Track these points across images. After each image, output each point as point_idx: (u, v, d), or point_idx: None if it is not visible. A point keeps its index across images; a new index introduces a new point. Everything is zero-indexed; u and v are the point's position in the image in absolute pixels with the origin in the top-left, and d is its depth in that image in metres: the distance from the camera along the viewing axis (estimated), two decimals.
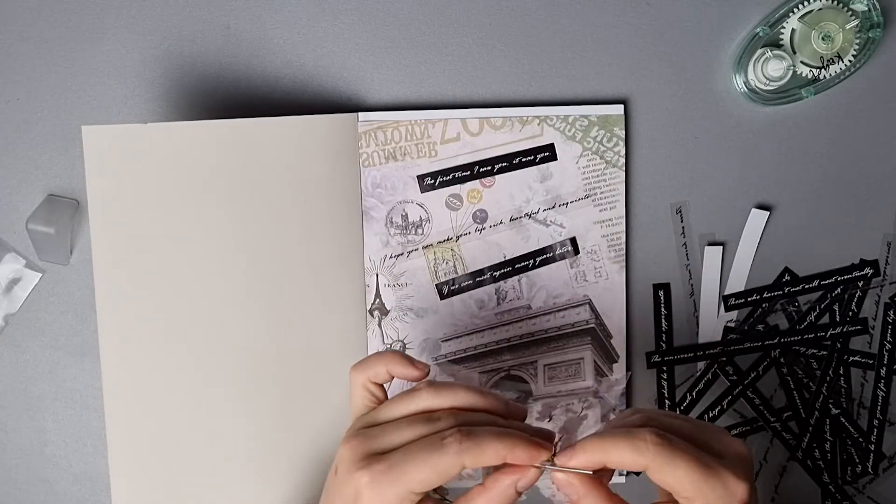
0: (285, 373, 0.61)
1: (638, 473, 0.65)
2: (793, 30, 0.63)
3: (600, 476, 0.46)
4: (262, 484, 0.61)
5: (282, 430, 0.61)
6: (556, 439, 0.48)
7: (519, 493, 0.46)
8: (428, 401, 0.47)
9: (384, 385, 0.51)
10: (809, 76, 0.63)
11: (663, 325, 0.65)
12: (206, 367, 0.61)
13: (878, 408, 0.65)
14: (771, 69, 0.62)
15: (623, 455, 0.44)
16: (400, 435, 0.46)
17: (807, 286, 0.65)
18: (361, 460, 0.45)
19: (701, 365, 0.65)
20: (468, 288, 0.64)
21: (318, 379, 0.62)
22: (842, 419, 0.65)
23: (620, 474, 0.64)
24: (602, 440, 0.45)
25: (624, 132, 0.63)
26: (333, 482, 0.47)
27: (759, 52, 0.62)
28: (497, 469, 0.46)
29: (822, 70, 0.63)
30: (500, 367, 0.64)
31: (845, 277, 0.65)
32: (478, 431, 0.45)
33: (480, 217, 0.64)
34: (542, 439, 0.46)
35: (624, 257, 0.64)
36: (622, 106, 0.63)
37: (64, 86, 0.64)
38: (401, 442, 0.45)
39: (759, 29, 0.63)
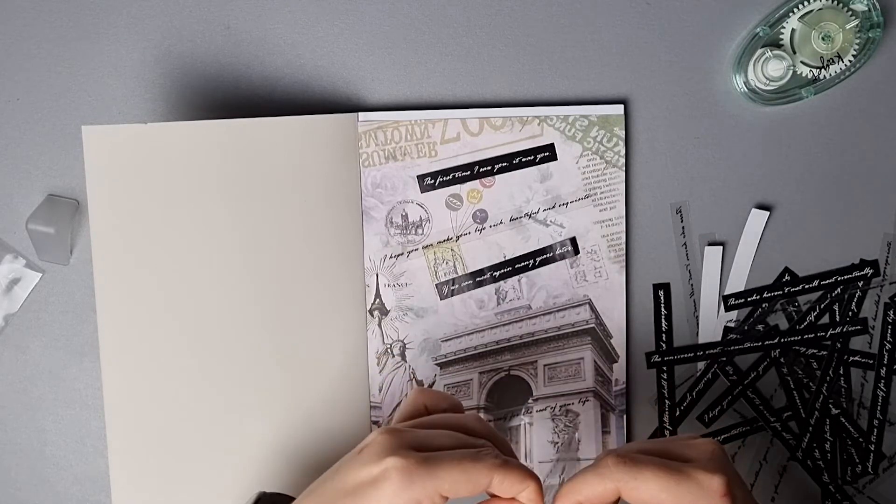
0: (286, 372, 0.61)
1: None
2: (793, 30, 0.63)
3: None
4: (263, 484, 0.61)
5: (282, 430, 0.61)
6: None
7: None
8: (470, 423, 0.49)
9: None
10: (809, 76, 0.63)
11: (663, 325, 0.65)
12: (206, 366, 0.61)
13: (878, 408, 0.65)
14: (771, 69, 0.62)
15: (591, 485, 0.46)
16: (440, 440, 0.46)
17: (807, 286, 0.65)
18: (399, 448, 0.45)
19: (701, 365, 0.65)
20: (468, 288, 0.64)
21: (318, 379, 0.62)
22: (842, 419, 0.65)
23: None
24: (571, 482, 0.47)
25: (624, 132, 0.63)
26: (354, 460, 0.46)
27: (759, 52, 0.62)
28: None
29: (822, 70, 0.63)
30: (500, 367, 0.64)
31: (845, 277, 0.65)
32: (513, 463, 0.46)
33: (480, 217, 0.64)
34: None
35: (624, 257, 0.64)
36: (622, 106, 0.63)
37: (64, 86, 0.64)
38: (440, 446, 0.46)
39: (759, 29, 0.63)
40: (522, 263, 0.64)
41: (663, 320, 0.65)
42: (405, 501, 0.44)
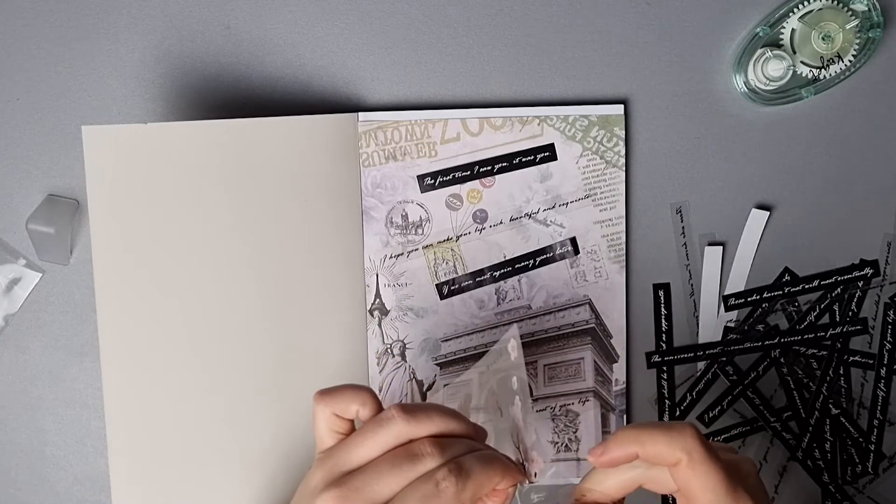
0: (286, 372, 0.61)
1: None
2: (793, 30, 0.63)
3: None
4: (263, 485, 0.61)
5: (282, 430, 0.61)
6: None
7: None
8: (403, 430, 0.45)
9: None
10: (809, 76, 0.63)
11: (663, 325, 0.65)
12: (206, 367, 0.61)
13: (878, 408, 0.65)
14: (771, 69, 0.62)
15: (659, 441, 0.42)
16: (388, 485, 0.43)
17: (807, 286, 0.65)
18: None
19: (701, 365, 0.65)
20: (468, 288, 0.64)
21: (318, 379, 0.62)
22: (842, 419, 0.65)
23: None
24: (637, 430, 0.43)
25: (624, 132, 0.63)
26: None
27: (759, 52, 0.62)
28: None
29: (822, 70, 0.63)
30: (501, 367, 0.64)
31: (845, 277, 0.65)
32: (468, 465, 0.43)
33: (480, 217, 0.64)
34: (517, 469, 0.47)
35: (624, 257, 0.64)
36: (622, 106, 0.63)
37: (64, 86, 0.64)
38: (391, 493, 0.43)
39: (759, 29, 0.63)
40: (522, 263, 0.64)
41: (663, 320, 0.65)
42: None
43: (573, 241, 0.64)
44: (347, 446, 0.45)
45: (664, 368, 0.65)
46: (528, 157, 0.63)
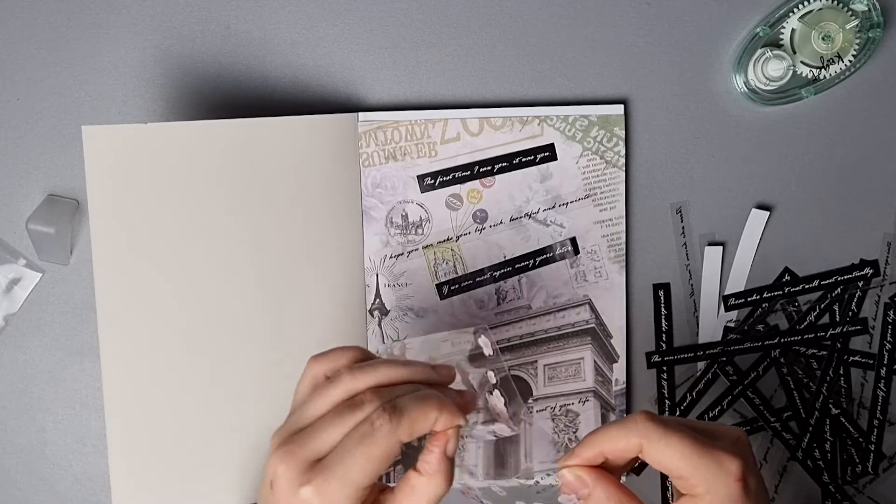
0: (286, 373, 0.61)
1: (638, 472, 0.65)
2: (793, 30, 0.63)
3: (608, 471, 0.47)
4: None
5: None
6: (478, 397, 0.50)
7: (451, 460, 0.46)
8: (349, 384, 0.46)
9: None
10: (809, 76, 0.63)
11: (663, 325, 0.65)
12: (206, 367, 0.61)
13: (878, 408, 0.65)
14: (771, 69, 0.62)
15: (615, 437, 0.45)
16: (331, 434, 0.45)
17: (807, 286, 0.65)
18: (302, 475, 0.44)
19: (701, 365, 0.65)
20: (468, 288, 0.64)
21: None
22: (842, 419, 0.65)
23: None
24: (595, 432, 0.46)
25: (624, 132, 0.63)
26: (273, 498, 0.45)
27: (759, 52, 0.62)
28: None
29: (822, 70, 0.63)
30: (501, 367, 0.64)
31: (845, 277, 0.65)
32: (403, 404, 0.45)
33: (480, 217, 0.64)
34: (464, 399, 0.48)
35: (624, 257, 0.64)
36: (622, 106, 0.63)
37: (64, 86, 0.64)
38: (333, 442, 0.44)
39: (759, 29, 0.63)
40: (522, 263, 0.64)
41: (663, 320, 0.65)
42: None
43: (573, 241, 0.64)
44: (300, 408, 0.47)
45: (664, 368, 0.65)
46: (528, 157, 0.63)
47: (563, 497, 0.49)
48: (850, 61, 0.63)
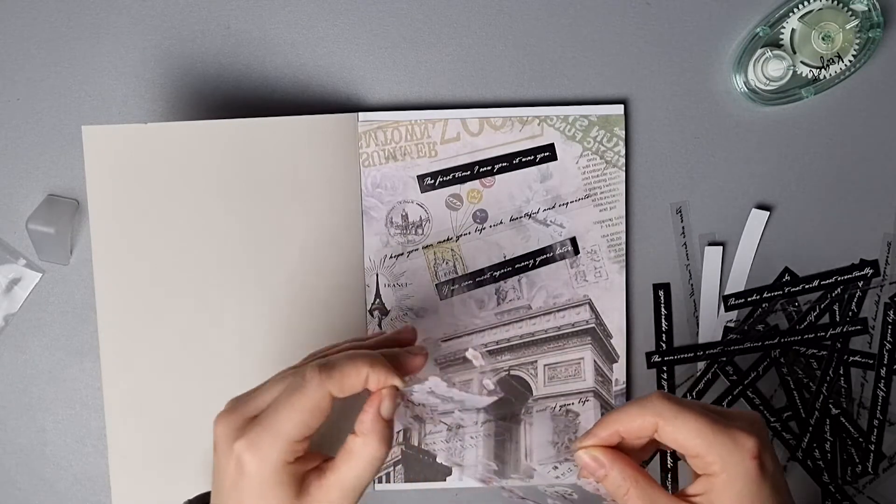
0: None
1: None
2: (793, 30, 0.63)
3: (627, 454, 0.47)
4: None
5: None
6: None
7: (388, 421, 0.46)
8: (299, 363, 0.49)
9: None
10: (809, 76, 0.63)
11: (663, 325, 0.65)
12: (205, 367, 0.61)
13: (878, 408, 0.65)
14: (771, 69, 0.62)
15: (631, 416, 0.46)
16: (269, 394, 0.46)
17: (807, 286, 0.65)
18: (236, 430, 0.45)
19: (701, 365, 0.65)
20: (468, 288, 0.64)
21: None
22: (842, 419, 0.65)
23: None
24: (613, 412, 0.47)
25: (624, 132, 0.63)
26: (216, 461, 0.46)
27: (759, 52, 0.62)
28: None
29: (822, 70, 0.63)
30: (500, 367, 0.64)
31: (845, 277, 0.65)
32: (335, 360, 0.46)
33: (480, 217, 0.64)
34: (415, 354, 0.50)
35: (624, 257, 0.64)
36: (622, 106, 0.63)
37: (64, 86, 0.64)
38: (271, 399, 0.46)
39: (759, 29, 0.63)
40: (522, 263, 0.64)
41: (663, 320, 0.65)
42: (272, 469, 0.44)
43: (573, 241, 0.64)
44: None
45: (664, 368, 0.65)
46: (528, 157, 0.63)
47: (583, 480, 0.48)
48: (850, 61, 0.63)
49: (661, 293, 0.65)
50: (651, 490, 0.46)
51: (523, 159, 0.63)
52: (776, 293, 0.65)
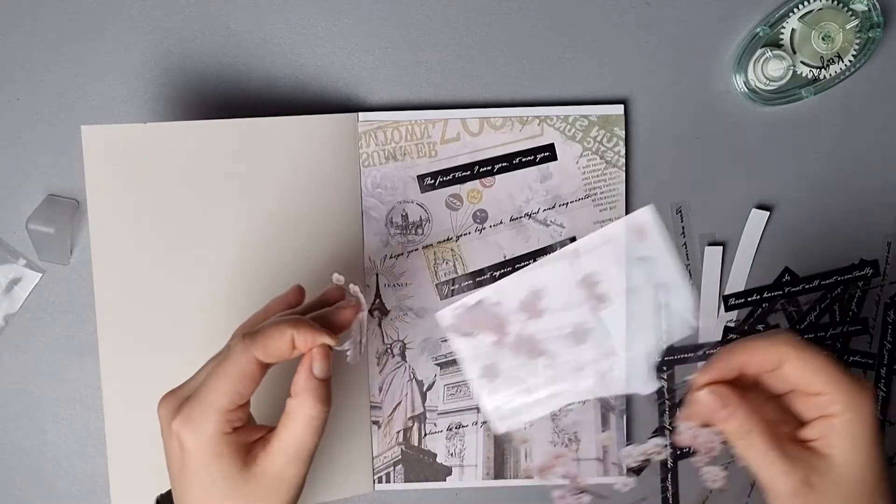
0: (285, 373, 0.61)
1: (639, 472, 0.65)
2: (793, 30, 0.63)
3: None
4: None
5: None
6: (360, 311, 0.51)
7: (323, 381, 0.46)
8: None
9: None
10: (809, 76, 0.63)
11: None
12: None
13: (878, 408, 0.65)
14: (771, 69, 0.62)
15: (758, 348, 0.45)
16: (203, 371, 0.47)
17: (807, 286, 0.65)
18: (174, 410, 0.46)
19: (701, 365, 0.65)
20: (468, 288, 0.64)
21: None
22: None
23: (621, 474, 0.64)
24: (737, 343, 0.46)
25: (624, 132, 0.63)
26: (164, 447, 0.47)
27: (759, 52, 0.62)
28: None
29: (822, 70, 0.63)
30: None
31: (845, 277, 0.65)
32: (261, 326, 0.46)
33: (480, 217, 0.64)
34: (342, 308, 0.50)
35: None
36: (622, 106, 0.63)
37: (64, 86, 0.64)
38: (205, 377, 0.46)
39: (759, 29, 0.63)
40: (522, 263, 0.64)
41: None
42: (210, 442, 0.44)
43: (573, 240, 0.64)
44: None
45: (664, 368, 0.65)
46: (528, 157, 0.63)
47: (682, 427, 0.47)
48: (850, 61, 0.63)
49: None
50: (772, 431, 0.44)
51: (523, 159, 0.63)
52: (776, 293, 0.65)
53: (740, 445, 0.44)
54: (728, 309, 0.65)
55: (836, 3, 0.62)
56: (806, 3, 0.62)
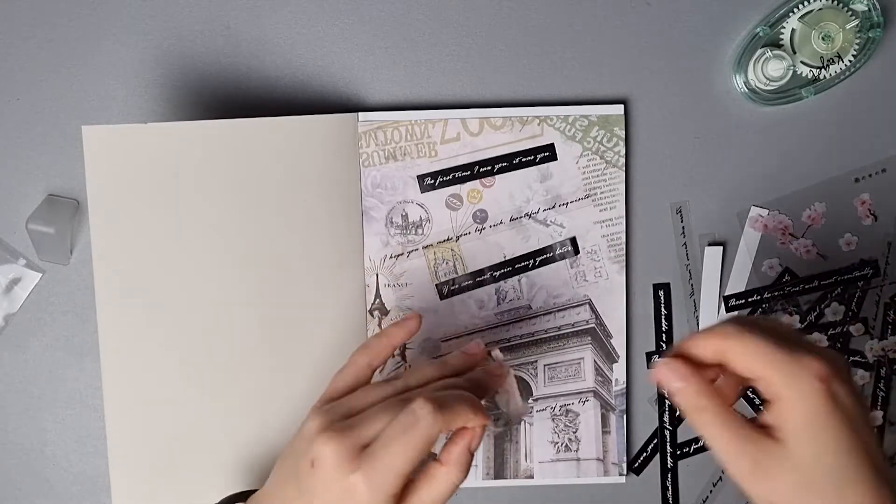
0: (286, 373, 0.61)
1: (638, 472, 0.65)
2: (793, 30, 0.63)
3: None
4: (263, 484, 0.61)
5: (283, 430, 0.61)
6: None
7: (472, 455, 0.49)
8: (399, 384, 0.50)
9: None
10: (809, 76, 0.63)
11: (663, 325, 0.65)
12: (205, 367, 0.61)
13: (878, 408, 0.65)
14: (771, 69, 0.62)
15: (704, 340, 0.45)
16: (380, 423, 0.47)
17: (807, 286, 0.65)
18: (351, 461, 0.46)
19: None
20: (468, 288, 0.64)
21: (318, 379, 0.61)
22: None
23: (621, 474, 0.64)
24: (684, 339, 0.46)
25: (624, 132, 0.63)
26: (314, 478, 0.47)
27: (759, 52, 0.62)
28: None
29: (822, 70, 0.63)
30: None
31: (845, 277, 0.65)
32: (444, 399, 0.47)
33: (480, 217, 0.64)
34: (496, 375, 0.54)
35: (624, 257, 0.64)
36: (622, 106, 0.63)
37: (64, 86, 0.64)
38: (379, 431, 0.47)
39: (759, 29, 0.63)
40: (522, 263, 0.64)
41: (663, 320, 0.65)
42: (382, 501, 0.46)
43: (573, 241, 0.64)
44: (349, 397, 0.50)
45: None
46: (528, 157, 0.63)
47: None
48: (850, 61, 0.63)
49: (661, 293, 0.65)
50: (727, 412, 0.44)
51: (523, 159, 0.63)
52: (776, 293, 0.65)
53: (693, 421, 0.45)
54: (728, 309, 0.65)
55: (836, 3, 0.62)
56: (806, 3, 0.62)
